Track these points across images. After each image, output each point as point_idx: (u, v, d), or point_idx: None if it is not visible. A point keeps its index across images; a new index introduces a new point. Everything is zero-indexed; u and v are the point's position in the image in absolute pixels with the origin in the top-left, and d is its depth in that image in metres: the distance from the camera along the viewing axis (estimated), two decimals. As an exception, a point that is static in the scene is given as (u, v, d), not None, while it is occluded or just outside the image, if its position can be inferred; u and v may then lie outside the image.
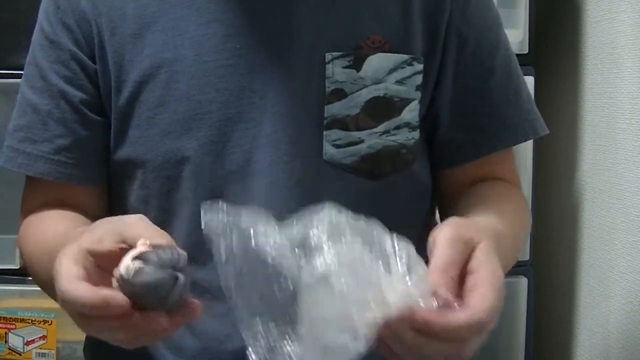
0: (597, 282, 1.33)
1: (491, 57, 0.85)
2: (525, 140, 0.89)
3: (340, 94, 0.80)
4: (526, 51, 1.40)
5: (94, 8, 0.81)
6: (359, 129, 0.81)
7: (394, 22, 0.81)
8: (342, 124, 0.80)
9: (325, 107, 0.80)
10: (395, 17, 0.81)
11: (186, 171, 0.80)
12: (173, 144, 0.79)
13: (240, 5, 0.80)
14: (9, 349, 1.40)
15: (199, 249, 0.79)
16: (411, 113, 0.82)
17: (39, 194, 0.85)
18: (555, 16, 1.49)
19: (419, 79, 0.82)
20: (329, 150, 0.80)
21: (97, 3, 0.81)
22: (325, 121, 0.80)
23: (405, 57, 0.81)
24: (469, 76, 0.85)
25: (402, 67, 0.81)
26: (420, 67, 0.82)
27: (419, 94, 0.83)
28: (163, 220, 0.80)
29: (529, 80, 1.37)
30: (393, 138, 0.82)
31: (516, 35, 1.39)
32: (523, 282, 1.45)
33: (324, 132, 0.80)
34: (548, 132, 0.89)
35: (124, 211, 0.83)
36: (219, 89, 0.79)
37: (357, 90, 0.80)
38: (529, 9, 1.40)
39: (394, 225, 0.85)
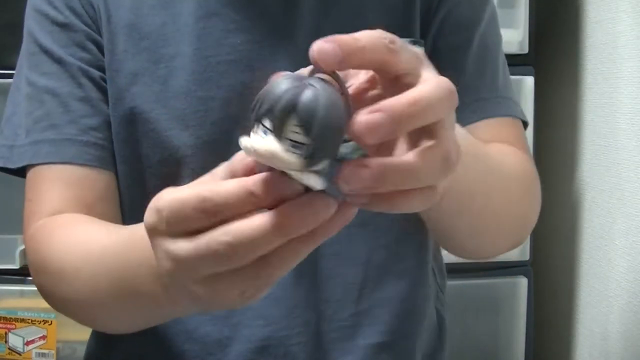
0: (597, 282, 1.33)
1: (469, 31, 0.82)
2: (500, 116, 0.81)
3: None
4: (526, 51, 1.40)
5: None
6: None
7: (398, 11, 0.79)
8: None
9: None
10: (399, 6, 0.79)
11: (186, 170, 0.76)
12: (171, 141, 0.76)
13: None
14: (9, 349, 1.40)
15: None
16: None
17: (55, 190, 0.78)
18: (555, 16, 1.49)
19: None
20: None
21: None
22: None
23: (405, 40, 0.78)
24: (447, 45, 0.81)
25: None
26: (421, 50, 0.79)
27: None
28: None
29: (529, 80, 1.38)
30: None
31: (516, 35, 1.39)
32: (523, 282, 1.45)
33: None
34: (526, 119, 0.86)
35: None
36: (220, 86, 0.77)
37: None
38: (529, 9, 1.40)
39: (399, 219, 0.83)
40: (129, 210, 0.80)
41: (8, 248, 1.36)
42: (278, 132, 0.42)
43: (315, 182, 0.44)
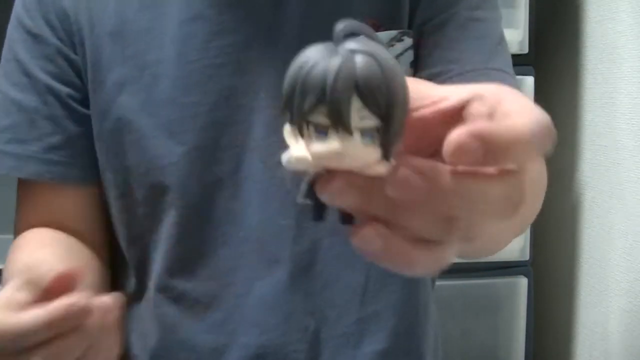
0: (597, 282, 1.33)
1: (454, 7, 0.76)
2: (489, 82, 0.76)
3: None
4: (526, 51, 1.40)
5: (74, 3, 0.77)
6: None
7: (386, 2, 0.76)
8: None
9: None
10: None
11: (172, 178, 0.74)
12: (157, 150, 0.74)
13: (226, 0, 0.75)
14: (9, 349, 1.39)
15: (186, 258, 0.76)
16: None
17: (30, 206, 0.80)
18: (555, 16, 1.49)
19: (411, 55, 0.75)
20: None
21: None
22: None
23: (393, 33, 0.75)
24: (435, 23, 0.77)
25: (392, 45, 0.75)
26: (410, 41, 0.76)
27: (411, 72, 0.76)
28: (148, 231, 0.77)
29: (529, 80, 1.38)
30: None
31: (516, 35, 1.39)
32: (523, 282, 1.45)
33: None
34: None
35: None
36: (206, 91, 0.74)
37: None
38: (529, 9, 1.40)
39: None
40: (118, 220, 0.79)
41: (8, 248, 1.35)
42: (345, 124, 0.31)
43: (384, 168, 0.32)
